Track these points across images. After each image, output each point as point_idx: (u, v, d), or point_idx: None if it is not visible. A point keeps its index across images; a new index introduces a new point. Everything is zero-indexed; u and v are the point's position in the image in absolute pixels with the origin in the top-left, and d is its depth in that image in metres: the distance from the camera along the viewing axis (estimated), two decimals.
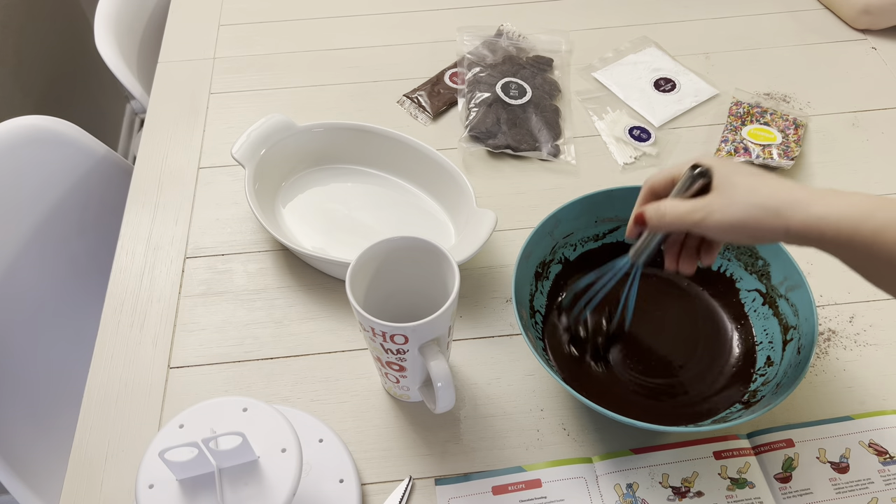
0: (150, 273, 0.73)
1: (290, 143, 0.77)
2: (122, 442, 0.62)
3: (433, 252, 0.56)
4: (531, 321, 0.63)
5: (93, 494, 0.59)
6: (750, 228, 0.48)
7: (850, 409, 0.63)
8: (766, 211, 0.47)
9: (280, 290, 0.72)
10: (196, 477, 0.46)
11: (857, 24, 0.96)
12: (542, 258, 0.65)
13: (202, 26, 1.00)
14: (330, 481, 0.58)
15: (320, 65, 0.94)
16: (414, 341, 0.53)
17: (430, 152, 0.75)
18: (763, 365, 0.61)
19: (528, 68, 0.90)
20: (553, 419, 0.62)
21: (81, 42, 1.63)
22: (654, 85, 0.90)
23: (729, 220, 0.49)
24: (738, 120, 0.84)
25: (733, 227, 0.49)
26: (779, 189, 0.48)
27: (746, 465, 0.59)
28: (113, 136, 1.79)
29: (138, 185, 0.81)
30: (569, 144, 0.83)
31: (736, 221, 0.48)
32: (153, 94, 0.91)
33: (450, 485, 0.59)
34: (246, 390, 0.65)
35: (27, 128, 0.84)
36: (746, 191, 0.49)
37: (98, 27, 1.01)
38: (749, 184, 0.49)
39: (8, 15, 1.33)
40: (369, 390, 0.65)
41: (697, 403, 0.61)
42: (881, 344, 0.67)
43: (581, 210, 0.66)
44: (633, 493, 0.58)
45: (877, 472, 0.58)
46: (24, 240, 0.84)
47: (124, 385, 0.65)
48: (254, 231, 0.77)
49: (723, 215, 0.49)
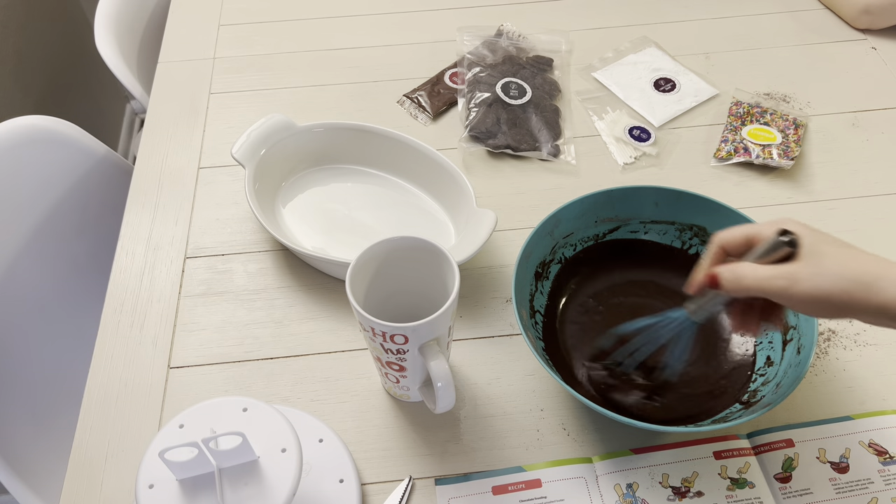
0: (150, 273, 0.73)
1: (290, 143, 0.77)
2: (122, 442, 0.62)
3: (433, 252, 0.56)
4: (531, 321, 0.63)
5: (93, 494, 0.59)
6: (837, 302, 0.45)
7: (850, 409, 0.63)
8: (857, 284, 0.44)
9: (280, 290, 0.72)
10: (196, 477, 0.46)
11: (857, 23, 0.96)
12: (542, 258, 0.65)
13: (202, 26, 1.00)
14: (330, 481, 0.58)
15: (320, 65, 0.94)
16: (414, 341, 0.53)
17: (430, 152, 0.75)
18: (763, 365, 0.61)
19: (528, 68, 0.90)
20: (553, 419, 0.63)
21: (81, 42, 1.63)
22: (654, 85, 0.90)
23: (816, 292, 0.45)
24: (738, 120, 0.84)
25: (819, 299, 0.45)
26: (870, 262, 0.45)
27: (746, 465, 0.59)
28: (113, 136, 1.79)
29: (138, 185, 0.81)
30: (569, 144, 0.83)
31: (823, 294, 0.45)
32: (153, 94, 0.91)
33: (450, 485, 0.59)
34: (246, 390, 0.65)
35: (27, 128, 0.84)
36: (836, 262, 0.46)
37: (98, 27, 1.01)
38: (839, 254, 0.46)
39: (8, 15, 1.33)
40: (369, 390, 0.65)
41: (697, 403, 0.61)
42: (881, 344, 0.67)
43: (581, 210, 0.66)
44: (633, 493, 0.58)
45: (877, 472, 0.58)
46: (24, 240, 0.84)
47: (124, 385, 0.65)
48: (254, 231, 0.77)
49: (810, 285, 0.45)
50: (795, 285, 0.46)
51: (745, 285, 0.48)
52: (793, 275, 0.46)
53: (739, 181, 0.80)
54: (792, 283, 0.46)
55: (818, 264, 0.46)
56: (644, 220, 0.68)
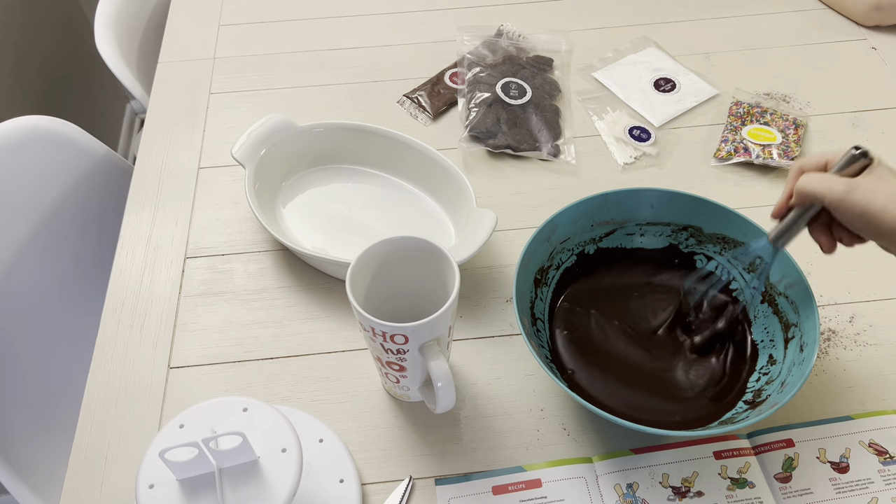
0: (151, 273, 0.73)
1: (290, 143, 0.77)
2: (122, 442, 0.62)
3: (433, 252, 0.56)
4: (532, 329, 0.62)
5: (93, 494, 0.59)
6: (881, 222, 0.47)
7: (850, 409, 0.63)
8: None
9: (280, 290, 0.72)
10: (196, 477, 0.46)
11: (867, 21, 0.95)
12: (540, 264, 0.65)
13: (202, 26, 1.00)
14: (330, 481, 0.58)
15: (320, 65, 0.94)
16: (414, 341, 0.53)
17: (430, 152, 0.75)
18: (766, 363, 0.61)
19: (528, 68, 0.90)
20: (553, 419, 0.63)
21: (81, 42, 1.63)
22: (654, 85, 0.90)
23: (868, 206, 0.48)
24: (738, 120, 0.84)
25: (866, 213, 0.48)
26: None
27: (746, 465, 0.59)
28: (113, 136, 1.79)
29: (138, 185, 0.81)
30: (569, 144, 0.83)
31: (872, 209, 0.48)
32: (153, 94, 0.91)
33: (450, 485, 0.59)
34: (246, 390, 0.65)
35: (27, 128, 0.84)
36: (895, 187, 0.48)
37: (98, 27, 1.01)
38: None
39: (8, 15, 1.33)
40: (369, 390, 0.65)
41: (699, 404, 0.61)
42: (881, 344, 0.67)
43: (577, 215, 0.66)
44: (633, 493, 0.58)
45: (877, 472, 0.58)
46: (23, 240, 0.84)
47: (124, 385, 0.65)
48: (254, 231, 0.77)
49: (863, 198, 0.48)
50: (851, 194, 0.48)
51: (808, 186, 0.51)
52: (852, 184, 0.49)
53: (739, 181, 0.80)
54: (849, 190, 0.49)
55: (878, 183, 0.48)
56: (640, 223, 0.68)
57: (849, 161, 0.51)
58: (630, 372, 0.63)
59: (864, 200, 0.48)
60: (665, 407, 0.61)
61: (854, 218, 0.49)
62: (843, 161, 0.52)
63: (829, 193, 0.50)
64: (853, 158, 0.51)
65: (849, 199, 0.49)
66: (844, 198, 0.49)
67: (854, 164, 0.51)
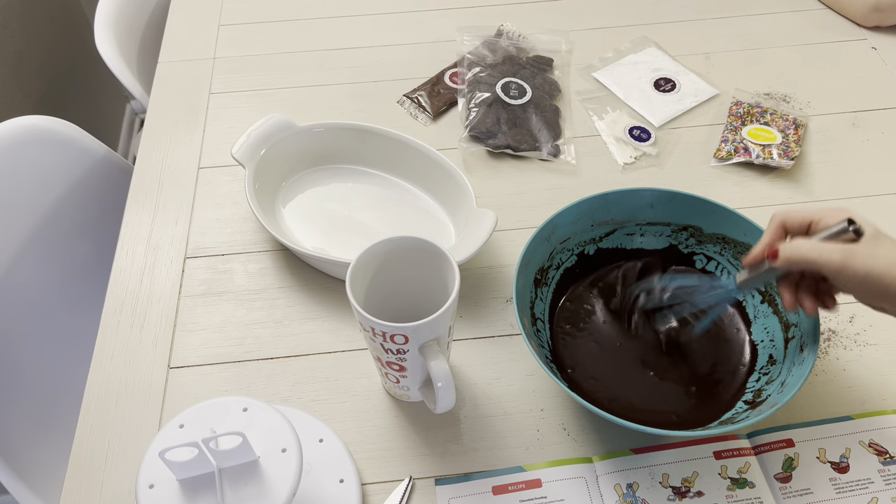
0: (150, 273, 0.73)
1: (290, 143, 0.77)
2: (122, 442, 0.62)
3: (433, 252, 0.56)
4: (532, 329, 0.62)
5: (93, 494, 0.59)
6: (886, 284, 0.47)
7: (850, 409, 0.63)
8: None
9: (280, 290, 0.72)
10: (196, 477, 0.46)
11: (866, 22, 0.95)
12: (540, 264, 0.65)
13: (202, 26, 1.00)
14: (330, 481, 0.58)
15: (320, 65, 0.94)
16: (414, 341, 0.53)
17: (430, 152, 0.75)
18: (766, 363, 0.61)
19: (528, 68, 0.90)
20: (553, 419, 0.63)
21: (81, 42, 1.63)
22: (654, 85, 0.90)
23: (868, 271, 0.48)
24: (738, 120, 0.84)
25: (869, 277, 0.48)
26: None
27: (746, 465, 0.59)
28: (113, 136, 1.79)
29: (138, 185, 0.81)
30: (569, 144, 0.83)
31: (875, 274, 0.48)
32: (153, 94, 0.91)
33: (450, 485, 0.59)
34: (246, 390, 0.65)
35: (27, 128, 0.84)
36: (892, 249, 0.48)
37: (98, 27, 1.01)
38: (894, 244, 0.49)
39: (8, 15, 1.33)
40: (369, 390, 0.65)
41: (701, 404, 0.61)
42: (881, 344, 0.67)
43: (577, 215, 0.66)
44: (633, 493, 0.58)
45: (877, 472, 0.58)
46: (23, 240, 0.84)
47: (124, 385, 0.65)
48: (254, 231, 0.77)
49: (864, 264, 0.48)
50: (851, 261, 0.48)
51: (803, 254, 0.51)
52: (850, 251, 0.49)
53: (739, 181, 0.80)
54: (848, 258, 0.49)
55: (874, 247, 0.49)
56: (640, 223, 0.68)
57: (839, 232, 0.51)
58: (630, 372, 0.63)
59: (866, 266, 0.48)
60: (665, 407, 0.61)
61: (856, 284, 0.49)
62: (834, 231, 0.51)
63: (829, 263, 0.49)
64: (844, 231, 0.50)
65: (849, 266, 0.48)
66: (844, 266, 0.49)
67: (844, 235, 0.50)
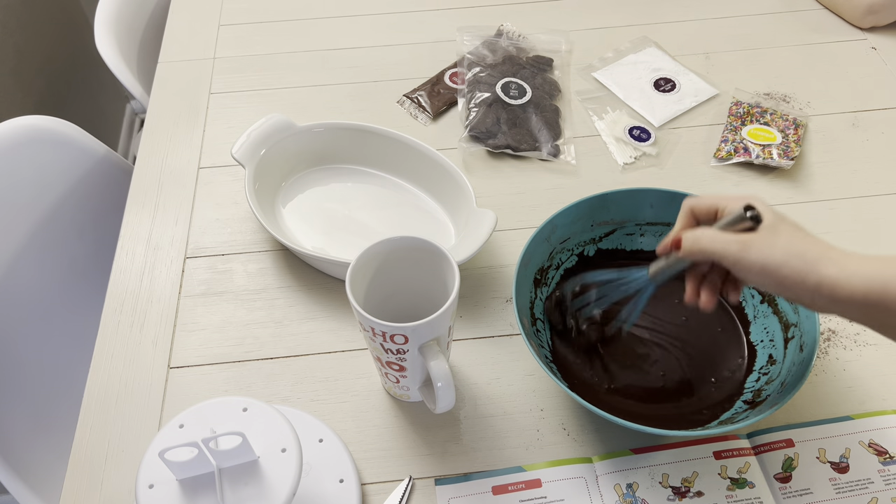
0: (150, 273, 0.73)
1: (290, 143, 0.77)
2: (122, 442, 0.62)
3: (433, 252, 0.56)
4: (532, 329, 0.62)
5: (93, 494, 0.59)
6: (782, 275, 0.47)
7: (850, 409, 0.63)
8: (801, 261, 0.47)
9: (280, 290, 0.72)
10: (196, 477, 0.46)
11: (862, 23, 0.95)
12: (540, 264, 0.65)
13: (202, 26, 1.00)
14: (330, 481, 0.58)
15: (320, 65, 0.94)
16: (414, 341, 0.53)
17: (430, 152, 0.75)
18: (766, 363, 0.61)
19: (528, 68, 0.90)
20: (553, 419, 0.63)
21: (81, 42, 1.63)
22: (654, 85, 0.90)
23: (765, 261, 0.48)
24: (738, 120, 0.84)
25: (766, 268, 0.48)
26: (818, 244, 0.48)
27: (746, 465, 0.59)
28: (113, 136, 1.79)
29: (138, 185, 0.81)
30: (569, 144, 0.83)
31: (771, 264, 0.48)
32: (153, 94, 0.91)
33: (450, 485, 0.59)
34: (246, 390, 0.65)
35: (27, 128, 0.84)
36: (788, 239, 0.48)
37: (98, 27, 1.01)
38: (792, 233, 0.49)
39: (8, 15, 1.33)
40: (369, 390, 0.65)
41: (700, 404, 0.61)
42: (881, 344, 0.67)
43: (577, 215, 0.66)
44: (633, 493, 0.58)
45: (877, 472, 0.58)
46: (23, 240, 0.84)
47: (124, 385, 0.65)
48: (254, 231, 0.77)
49: (760, 255, 0.48)
50: (747, 252, 0.49)
51: (702, 246, 0.51)
52: (747, 242, 0.49)
53: (739, 181, 0.80)
54: (745, 248, 0.49)
55: (772, 237, 0.49)
56: (640, 223, 0.68)
57: (738, 220, 0.50)
58: (630, 371, 0.63)
59: (762, 257, 0.48)
60: (665, 407, 0.61)
61: (754, 276, 0.49)
62: (732, 218, 0.50)
63: (725, 254, 0.49)
64: (742, 218, 0.50)
65: (746, 257, 0.48)
66: (741, 257, 0.49)
67: (743, 222, 0.50)
